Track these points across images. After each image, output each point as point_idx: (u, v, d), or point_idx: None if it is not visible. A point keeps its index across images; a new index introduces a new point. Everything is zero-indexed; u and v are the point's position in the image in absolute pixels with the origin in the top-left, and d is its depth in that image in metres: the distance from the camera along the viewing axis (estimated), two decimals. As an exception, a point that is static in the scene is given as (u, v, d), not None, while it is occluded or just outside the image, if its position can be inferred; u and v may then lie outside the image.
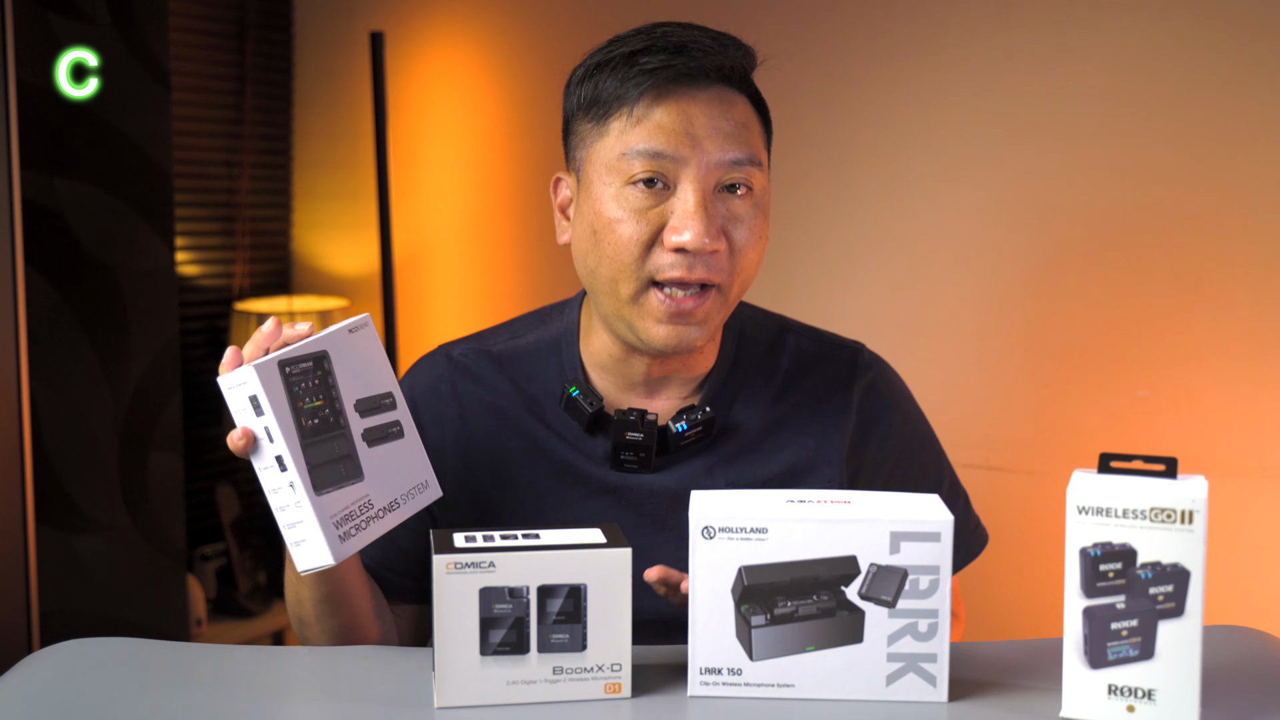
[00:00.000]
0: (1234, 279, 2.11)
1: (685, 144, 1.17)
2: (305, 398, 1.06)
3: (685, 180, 1.17)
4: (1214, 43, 2.10)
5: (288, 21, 3.24)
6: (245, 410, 1.05)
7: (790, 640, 1.01)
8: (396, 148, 3.03)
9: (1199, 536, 0.94)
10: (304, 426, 1.05)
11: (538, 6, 2.90)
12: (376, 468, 1.10)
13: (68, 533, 2.32)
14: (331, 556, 1.04)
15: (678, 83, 1.18)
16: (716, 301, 1.21)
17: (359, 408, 1.10)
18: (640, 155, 1.17)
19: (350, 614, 1.23)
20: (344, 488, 1.07)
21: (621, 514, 1.26)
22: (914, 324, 2.39)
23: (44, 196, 2.26)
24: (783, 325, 1.36)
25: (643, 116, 1.18)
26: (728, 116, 1.19)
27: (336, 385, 1.09)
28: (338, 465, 1.07)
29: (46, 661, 1.09)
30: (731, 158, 1.18)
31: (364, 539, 1.08)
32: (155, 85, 2.42)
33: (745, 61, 1.23)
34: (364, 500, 1.08)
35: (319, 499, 1.05)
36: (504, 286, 2.99)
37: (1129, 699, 0.96)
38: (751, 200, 1.20)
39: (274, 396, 1.04)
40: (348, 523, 1.06)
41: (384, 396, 1.13)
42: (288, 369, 1.05)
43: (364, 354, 1.12)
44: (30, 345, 2.23)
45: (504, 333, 1.35)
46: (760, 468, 1.28)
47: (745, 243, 1.20)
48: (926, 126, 2.38)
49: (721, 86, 1.20)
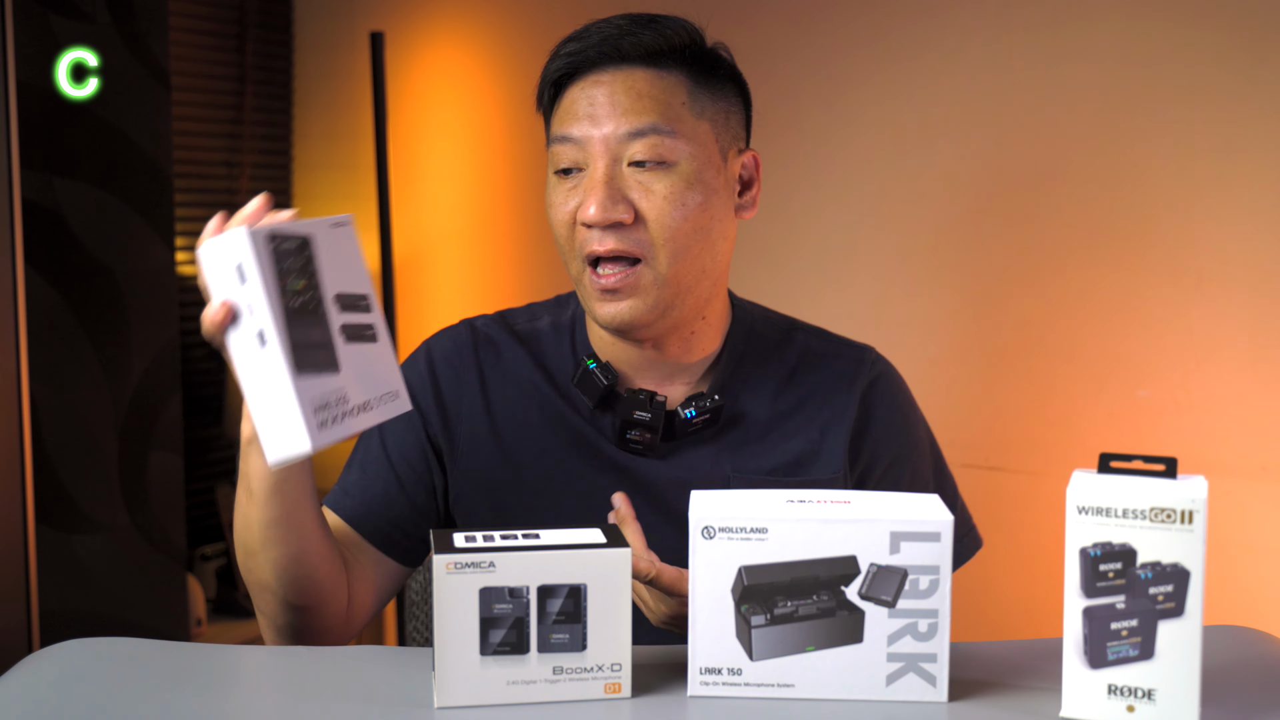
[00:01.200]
0: (1234, 279, 2.11)
1: (587, 124, 1.23)
2: (291, 275, 1.01)
3: (591, 160, 1.23)
4: (1214, 43, 2.10)
5: (288, 21, 3.25)
6: (228, 279, 1.00)
7: (790, 640, 1.01)
8: (396, 147, 3.03)
9: (1199, 536, 0.94)
10: (288, 305, 1.00)
11: (538, 6, 2.90)
12: (351, 364, 1.05)
13: (68, 533, 2.32)
14: (309, 441, 0.99)
15: (582, 68, 1.25)
16: (644, 276, 1.23)
17: (338, 301, 1.05)
18: (555, 142, 1.26)
19: (299, 545, 1.19)
20: (322, 375, 1.02)
21: (628, 493, 1.27)
22: (914, 323, 2.39)
23: (44, 196, 2.26)
24: (792, 325, 1.39)
25: (557, 106, 1.27)
26: (630, 91, 1.23)
27: (319, 273, 1.04)
28: (316, 351, 1.02)
29: (46, 661, 1.09)
30: (629, 129, 1.22)
31: (338, 433, 1.03)
32: (155, 85, 2.42)
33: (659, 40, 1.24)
34: (340, 393, 1.03)
35: (300, 379, 0.99)
36: (504, 286, 2.99)
37: (1129, 699, 0.96)
38: (667, 170, 1.23)
39: (263, 265, 0.99)
40: (325, 411, 1.01)
41: (360, 297, 1.08)
42: (277, 240, 1.01)
43: (344, 251, 1.07)
44: (30, 345, 2.23)
45: (523, 315, 1.39)
46: (765, 458, 1.30)
47: (658, 211, 1.22)
48: (926, 126, 2.38)
49: (629, 66, 1.24)
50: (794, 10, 2.49)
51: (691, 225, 1.23)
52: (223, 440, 3.12)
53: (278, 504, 1.16)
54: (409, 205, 3.06)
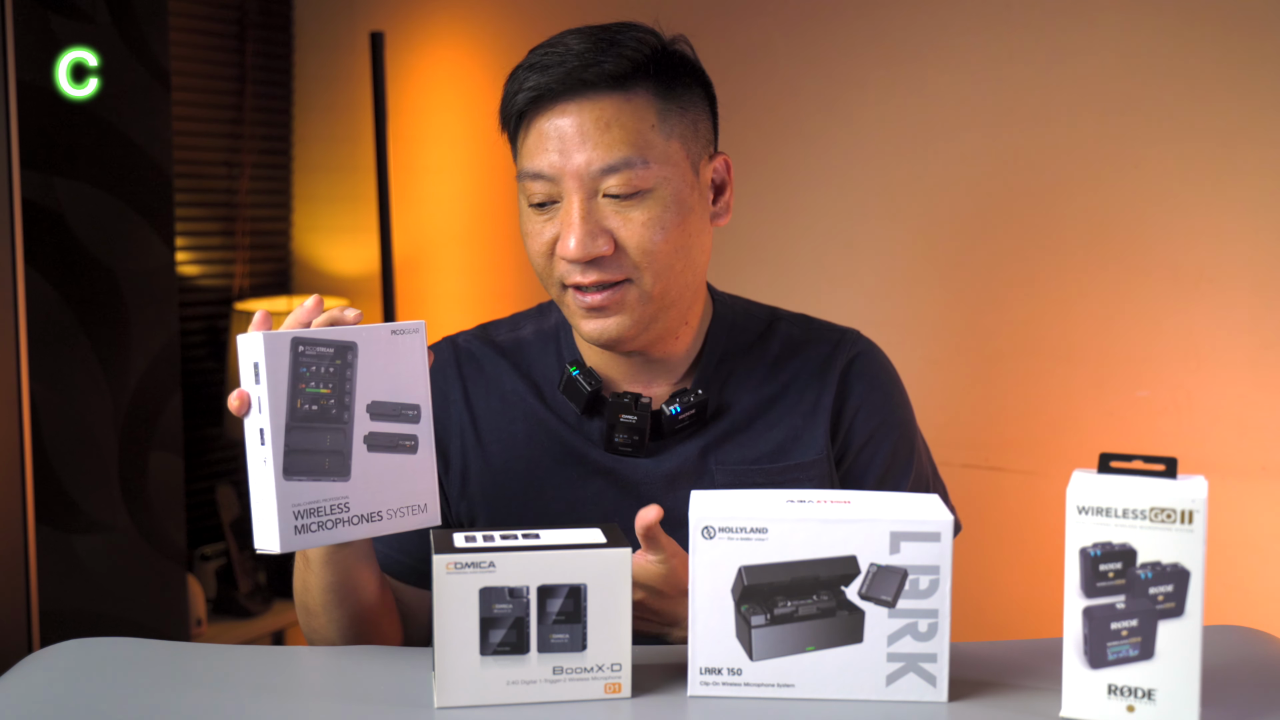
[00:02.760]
0: (1234, 279, 2.11)
1: (557, 162, 1.22)
2: (311, 381, 1.05)
3: (565, 195, 1.22)
4: (1214, 43, 2.10)
5: (288, 21, 3.24)
6: (249, 374, 1.05)
7: (790, 640, 1.01)
8: (396, 147, 3.02)
9: (1199, 536, 0.94)
10: (298, 408, 1.04)
11: (538, 6, 2.90)
12: (369, 474, 1.08)
13: (68, 533, 2.32)
14: (279, 544, 1.04)
15: (544, 100, 1.22)
16: (630, 293, 1.23)
17: (373, 410, 1.09)
18: (527, 178, 1.25)
19: (358, 606, 1.22)
20: (321, 481, 1.06)
21: (618, 495, 1.29)
22: (914, 323, 2.39)
23: (44, 196, 2.26)
24: (774, 314, 1.39)
25: (523, 139, 1.26)
26: (598, 122, 1.21)
27: (353, 380, 1.08)
28: (321, 458, 1.06)
29: (46, 661, 1.09)
30: (602, 166, 1.21)
31: (325, 539, 1.06)
32: (155, 85, 2.42)
33: (621, 63, 1.21)
34: (340, 501, 1.07)
35: (285, 483, 1.04)
36: (504, 286, 2.99)
37: (1129, 699, 0.96)
38: (644, 197, 1.22)
39: (274, 370, 1.04)
40: (310, 517, 1.05)
41: (408, 407, 1.11)
42: (301, 348, 1.05)
43: (402, 359, 1.10)
44: (30, 345, 2.23)
45: (505, 326, 1.40)
46: (750, 447, 1.30)
47: (638, 239, 1.22)
48: (926, 126, 2.38)
49: (595, 93, 1.21)
50: (794, 10, 2.49)
51: (672, 246, 1.23)
52: (223, 440, 3.12)
53: (333, 571, 1.19)
54: (409, 205, 3.06)
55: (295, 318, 1.10)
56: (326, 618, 1.22)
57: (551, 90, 1.21)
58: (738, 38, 2.50)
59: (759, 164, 2.44)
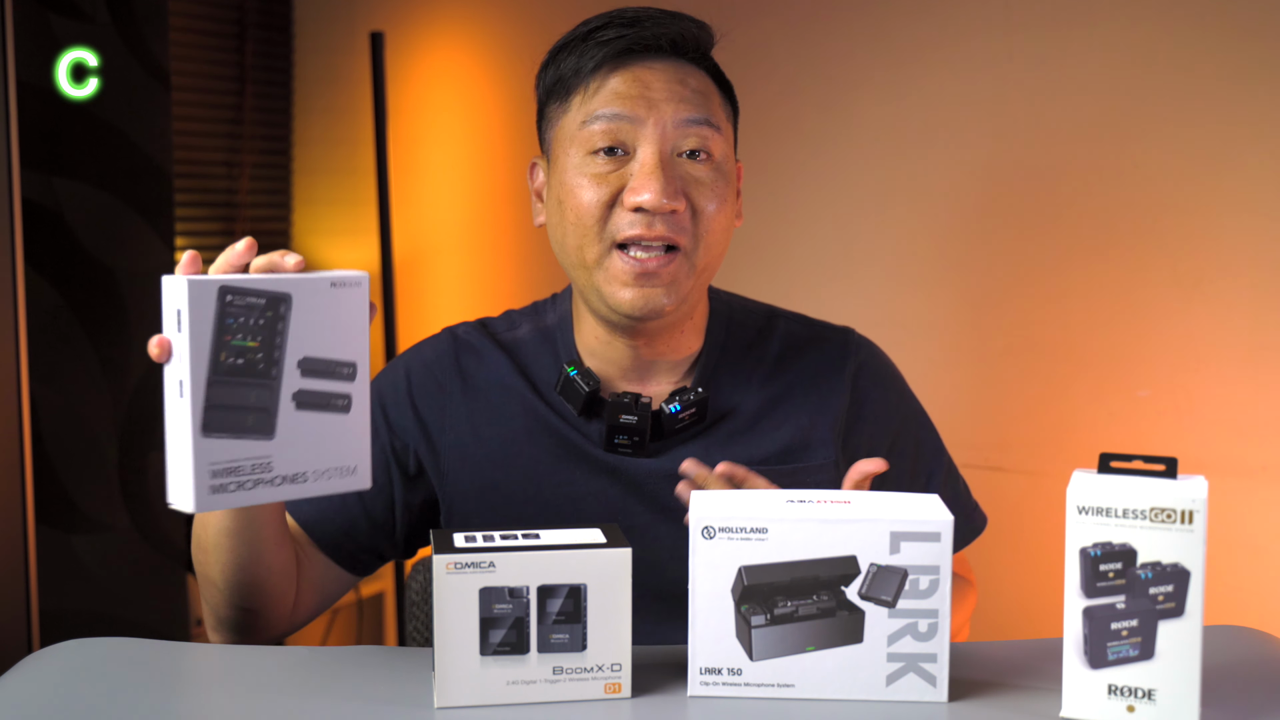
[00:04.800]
0: (1234, 279, 2.11)
1: (641, 106, 1.21)
2: (238, 333, 0.98)
3: (643, 143, 1.20)
4: (1214, 43, 2.10)
5: (288, 21, 3.25)
6: (171, 321, 0.97)
7: (790, 640, 1.01)
8: (396, 147, 3.03)
9: (1199, 536, 0.94)
10: (220, 361, 0.97)
11: (538, 6, 2.90)
12: (296, 433, 1.01)
13: (68, 533, 2.32)
14: (192, 503, 0.97)
15: (632, 52, 1.23)
16: (683, 266, 1.22)
17: (304, 366, 1.01)
18: (598, 119, 1.21)
19: (250, 555, 1.18)
20: (242, 439, 0.99)
21: (621, 494, 1.28)
22: (914, 323, 2.39)
23: (44, 196, 2.26)
24: (772, 312, 1.39)
25: (600, 86, 1.22)
26: (684, 83, 1.23)
27: (284, 334, 1.00)
28: (244, 414, 0.98)
29: (46, 661, 1.09)
30: (687, 117, 1.21)
31: (244, 499, 0.99)
32: (155, 85, 2.42)
33: (701, 36, 1.26)
34: (262, 460, 1.00)
35: (203, 440, 0.97)
36: (504, 286, 2.99)
37: (1129, 699, 0.96)
38: (712, 165, 1.22)
39: (198, 319, 0.96)
40: (228, 476, 0.98)
41: (343, 365, 1.03)
42: (229, 297, 0.97)
43: (341, 314, 1.02)
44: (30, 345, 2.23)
45: (501, 323, 1.38)
46: (756, 448, 1.29)
47: (708, 205, 1.22)
48: (926, 126, 2.38)
49: (677, 58, 1.24)
50: (794, 10, 2.49)
51: (724, 221, 1.24)
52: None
53: (233, 515, 1.16)
54: (409, 205, 3.06)
55: (225, 260, 1.01)
56: (215, 557, 1.19)
57: (642, 41, 1.22)
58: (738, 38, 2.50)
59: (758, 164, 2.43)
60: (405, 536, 1.34)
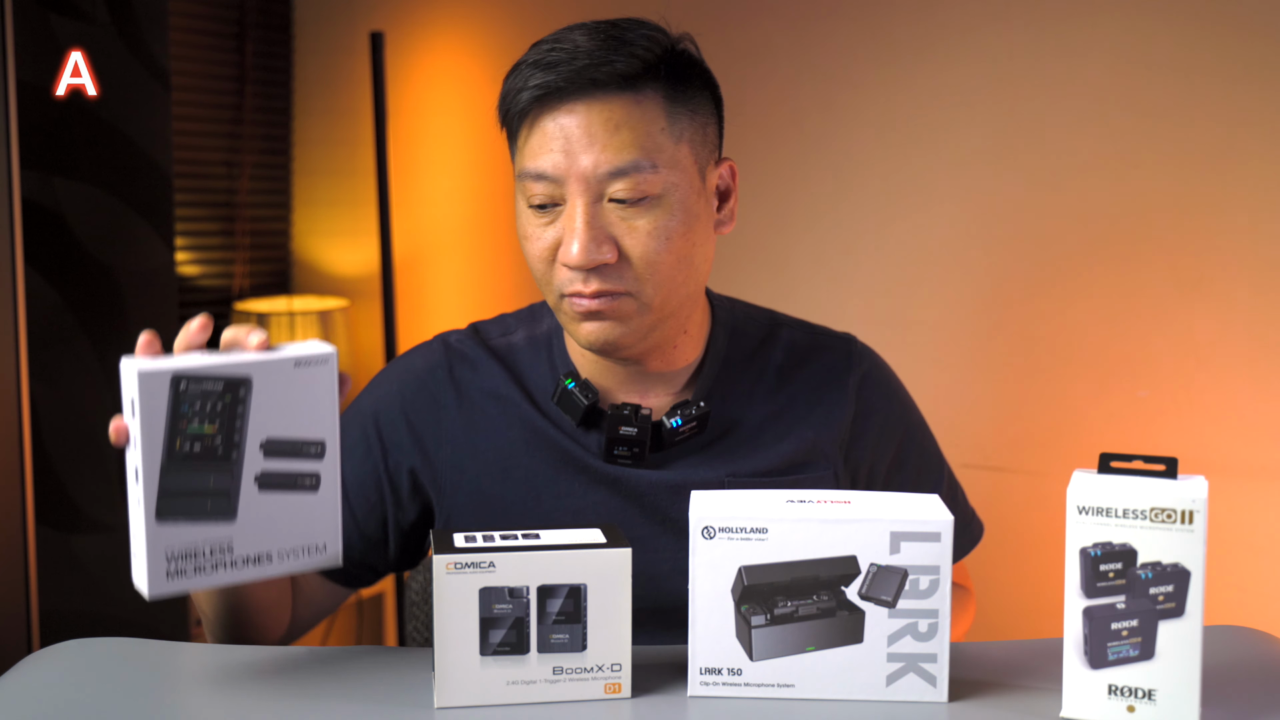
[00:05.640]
0: (1234, 279, 2.11)
1: (561, 163, 1.16)
2: (193, 419, 0.96)
3: (569, 197, 1.17)
4: (1214, 43, 2.10)
5: (288, 21, 3.24)
6: (127, 406, 0.96)
7: (790, 640, 1.01)
8: (396, 147, 3.02)
9: (1199, 536, 0.94)
10: (176, 449, 0.95)
11: (538, 6, 2.90)
12: (258, 515, 1.00)
13: (68, 533, 2.32)
14: (147, 588, 0.97)
15: (551, 99, 1.17)
16: (628, 304, 1.18)
17: (268, 448, 0.99)
18: (528, 178, 1.19)
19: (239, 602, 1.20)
20: (200, 524, 0.97)
21: (621, 505, 1.26)
22: (914, 324, 2.39)
23: (44, 196, 2.26)
24: (774, 320, 1.36)
25: (526, 138, 1.20)
26: (606, 124, 1.16)
27: (245, 417, 0.98)
28: (202, 500, 0.97)
29: (46, 661, 1.09)
30: (609, 169, 1.16)
31: (202, 583, 0.99)
32: (155, 85, 2.42)
33: (632, 63, 1.16)
34: (223, 544, 0.99)
35: (158, 526, 0.96)
36: (504, 286, 2.99)
37: (1129, 699, 0.96)
38: (650, 204, 1.17)
39: (149, 409, 0.94)
40: (186, 560, 0.97)
41: (311, 444, 1.01)
42: (182, 384, 0.95)
43: (306, 393, 0.99)
44: (30, 345, 2.23)
45: (495, 328, 1.35)
46: (760, 460, 1.27)
47: (643, 248, 1.17)
48: (926, 127, 2.38)
49: (604, 93, 1.16)
50: (793, 10, 2.49)
51: (675, 257, 1.18)
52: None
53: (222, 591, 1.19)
54: (409, 205, 3.06)
55: (183, 339, 1.00)
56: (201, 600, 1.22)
57: (558, 89, 1.15)
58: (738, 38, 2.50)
59: (758, 164, 2.44)
60: (399, 552, 1.33)
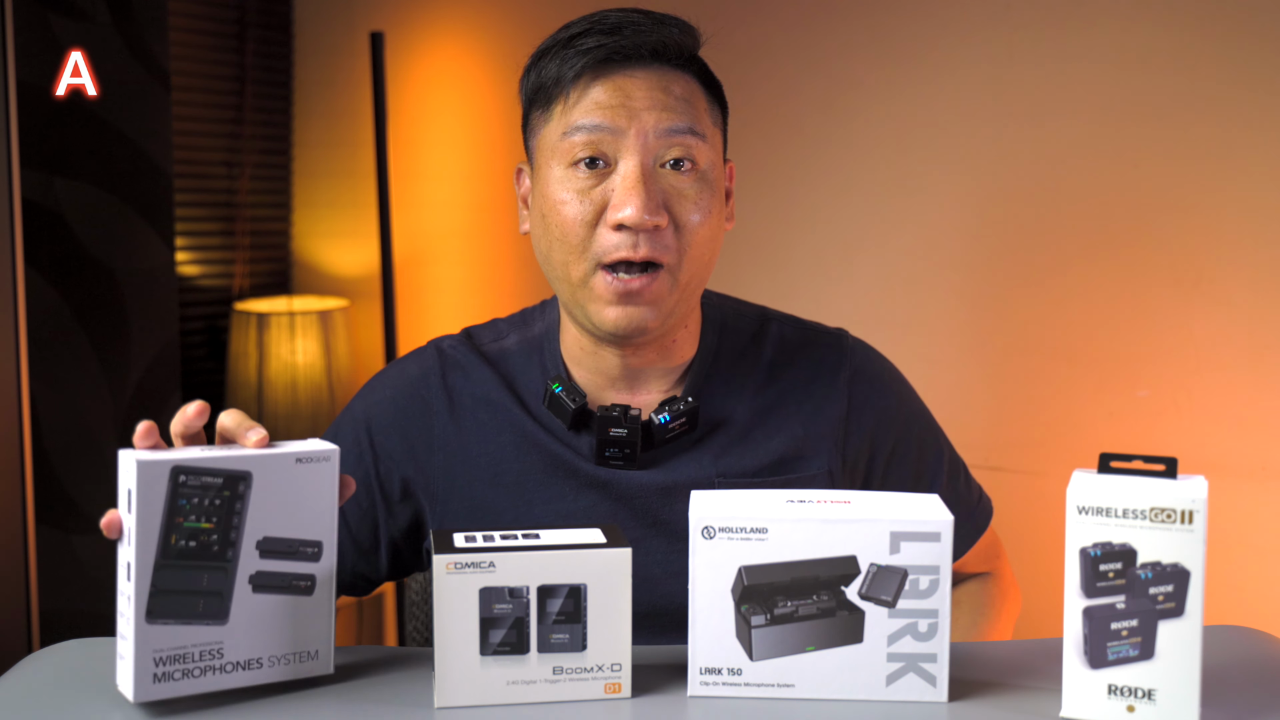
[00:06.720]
0: (1234, 279, 2.11)
1: (622, 116, 1.18)
2: (191, 515, 0.93)
3: (625, 155, 1.18)
4: (1214, 43, 2.10)
5: (288, 21, 3.24)
6: (123, 498, 0.93)
7: (790, 640, 1.01)
8: (396, 147, 3.02)
9: (1199, 536, 0.94)
10: (170, 545, 0.93)
11: (538, 6, 2.90)
12: (251, 617, 0.97)
13: (68, 533, 2.33)
14: (132, 693, 0.94)
15: (613, 61, 1.19)
16: (665, 283, 1.19)
17: (264, 547, 0.97)
18: (579, 130, 1.18)
19: None
20: (191, 625, 0.94)
21: (612, 508, 1.26)
22: (914, 323, 2.39)
23: (44, 196, 2.26)
24: (764, 315, 1.36)
25: (580, 96, 1.19)
26: (668, 90, 1.19)
27: (243, 515, 0.95)
28: (194, 599, 0.94)
29: (46, 661, 1.09)
30: (670, 126, 1.18)
31: (188, 688, 0.96)
32: (155, 85, 2.42)
33: (686, 40, 1.22)
34: (213, 647, 0.96)
35: (146, 626, 0.93)
36: (504, 286, 2.99)
37: (1129, 699, 0.96)
38: (696, 175, 1.19)
39: (147, 502, 0.91)
40: (175, 664, 0.95)
41: (307, 545, 0.99)
42: (182, 477, 0.93)
43: (305, 491, 0.98)
44: (30, 345, 2.23)
45: (488, 333, 1.35)
46: (750, 458, 1.27)
47: (691, 219, 1.19)
48: (926, 127, 2.38)
49: (660, 65, 1.20)
50: (794, 10, 2.49)
51: (709, 233, 1.21)
52: (223, 440, 3.12)
53: None
54: (409, 205, 3.06)
55: (178, 423, 0.97)
56: None
57: (622, 49, 1.18)
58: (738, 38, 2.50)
59: (758, 164, 2.44)
60: (389, 561, 1.32)
